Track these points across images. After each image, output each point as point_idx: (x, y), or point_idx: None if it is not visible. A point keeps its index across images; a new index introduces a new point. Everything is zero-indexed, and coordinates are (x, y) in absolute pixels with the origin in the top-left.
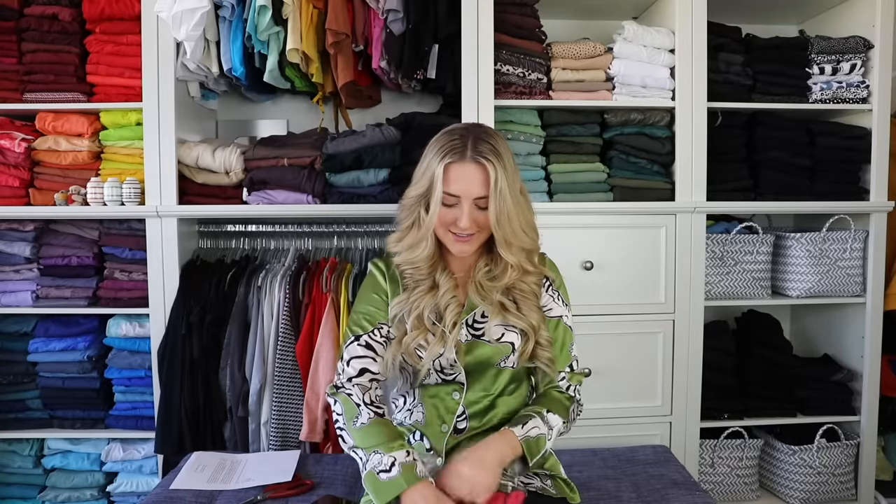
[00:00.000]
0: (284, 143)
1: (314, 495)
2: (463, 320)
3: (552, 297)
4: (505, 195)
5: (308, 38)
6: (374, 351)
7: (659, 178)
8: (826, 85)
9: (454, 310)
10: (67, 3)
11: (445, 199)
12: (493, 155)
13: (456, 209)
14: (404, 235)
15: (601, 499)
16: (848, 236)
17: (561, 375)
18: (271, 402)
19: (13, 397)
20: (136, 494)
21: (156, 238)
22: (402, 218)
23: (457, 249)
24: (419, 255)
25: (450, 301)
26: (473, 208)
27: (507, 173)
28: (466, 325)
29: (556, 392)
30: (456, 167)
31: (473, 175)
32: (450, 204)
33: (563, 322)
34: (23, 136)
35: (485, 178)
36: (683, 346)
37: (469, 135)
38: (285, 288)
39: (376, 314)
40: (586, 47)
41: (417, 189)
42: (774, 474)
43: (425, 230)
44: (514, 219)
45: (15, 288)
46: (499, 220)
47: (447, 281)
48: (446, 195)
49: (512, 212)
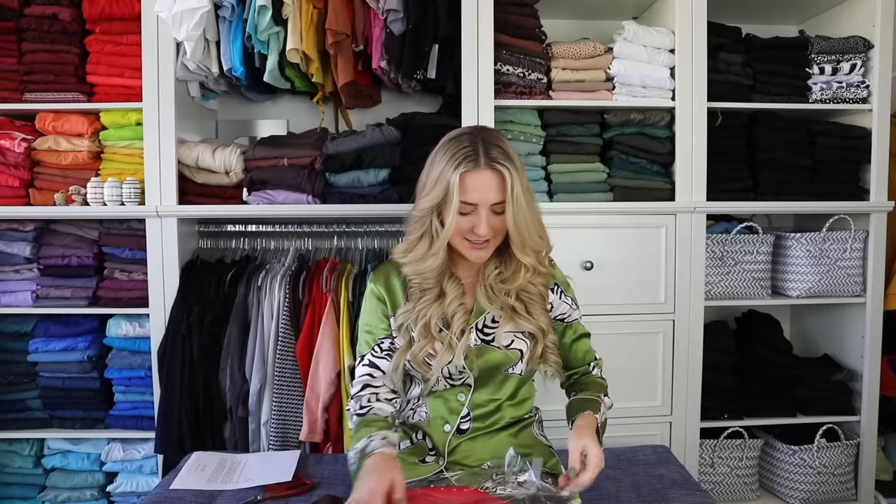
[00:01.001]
0: (284, 143)
1: (314, 495)
2: (472, 326)
3: (565, 303)
4: (520, 199)
5: (308, 38)
6: (378, 368)
7: (659, 178)
8: (826, 85)
9: (461, 317)
10: (67, 3)
11: (462, 207)
12: (506, 159)
13: (472, 217)
14: (413, 246)
15: (601, 499)
16: (848, 236)
17: (591, 365)
18: (271, 402)
19: (13, 397)
20: (136, 494)
21: (156, 238)
22: (412, 229)
23: (473, 256)
24: (430, 266)
25: (457, 309)
26: (490, 214)
27: (519, 176)
28: (476, 330)
29: (597, 378)
30: (472, 175)
31: (490, 182)
32: (465, 212)
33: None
34: (23, 136)
35: (501, 184)
36: (683, 346)
37: (478, 140)
38: (285, 288)
39: (376, 331)
40: (586, 47)
41: (430, 200)
42: (774, 474)
43: (441, 241)
44: (530, 220)
45: (15, 288)
46: (516, 224)
47: (454, 288)
48: (463, 204)
49: (527, 214)
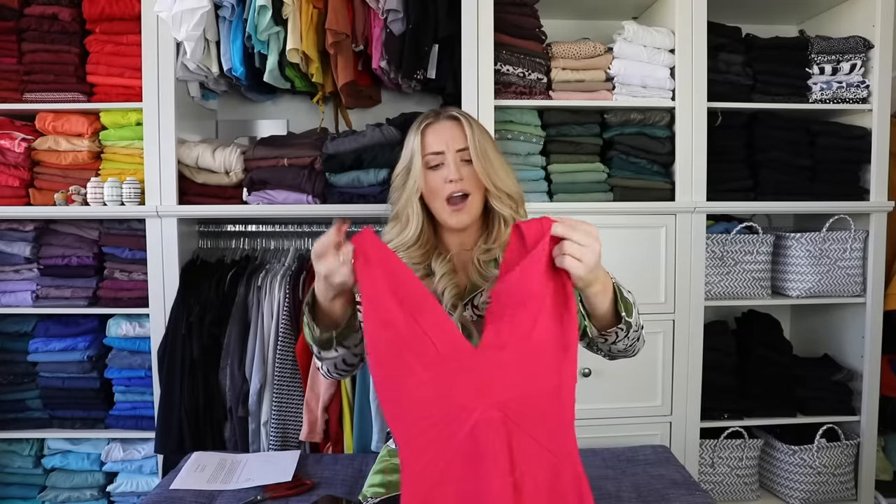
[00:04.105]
0: (284, 143)
1: (314, 495)
2: (465, 301)
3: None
4: (484, 145)
5: (308, 38)
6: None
7: (659, 178)
8: (826, 85)
9: (451, 292)
10: (67, 3)
11: (429, 159)
12: (465, 114)
13: (442, 170)
14: (395, 223)
15: (601, 499)
16: (848, 236)
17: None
18: (271, 402)
19: (13, 397)
20: (136, 494)
21: (156, 238)
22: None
23: (455, 220)
24: (410, 234)
25: (447, 284)
26: (459, 162)
27: (483, 133)
28: (472, 306)
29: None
30: (432, 128)
31: (451, 130)
32: (434, 164)
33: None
34: (23, 136)
35: (462, 132)
36: (683, 346)
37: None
38: (285, 288)
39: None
40: (586, 47)
41: (400, 165)
42: (774, 474)
43: (409, 194)
44: (497, 164)
45: (15, 288)
46: (485, 168)
47: (443, 266)
48: (430, 155)
49: (494, 158)
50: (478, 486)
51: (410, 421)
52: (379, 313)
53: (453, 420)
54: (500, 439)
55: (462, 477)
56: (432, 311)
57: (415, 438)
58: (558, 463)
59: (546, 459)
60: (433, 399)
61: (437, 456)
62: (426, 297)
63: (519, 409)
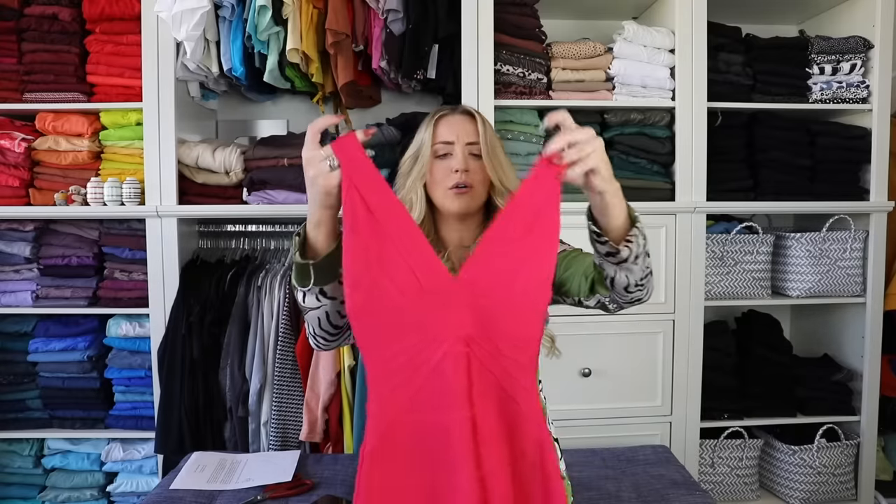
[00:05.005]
0: (284, 143)
1: (314, 495)
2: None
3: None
4: (494, 143)
5: (308, 38)
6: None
7: (659, 178)
8: (826, 85)
9: None
10: (67, 3)
11: (438, 147)
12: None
13: (449, 160)
14: None
15: (601, 499)
16: (848, 236)
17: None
18: (271, 402)
19: (13, 397)
20: (136, 494)
21: (156, 238)
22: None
23: (457, 206)
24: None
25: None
26: (467, 154)
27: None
28: None
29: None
30: (446, 119)
31: (464, 123)
32: (443, 153)
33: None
34: (23, 136)
35: (474, 128)
36: (683, 346)
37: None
38: (285, 288)
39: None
40: (586, 47)
41: (409, 152)
42: (774, 474)
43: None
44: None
45: (15, 288)
46: (493, 164)
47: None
48: (440, 144)
49: (503, 157)
50: (442, 416)
51: (383, 343)
52: (356, 215)
53: (424, 348)
54: (462, 372)
55: (430, 406)
56: (411, 237)
57: (387, 361)
58: (518, 409)
59: (508, 405)
60: (408, 325)
61: (407, 380)
62: (397, 208)
63: (483, 346)
